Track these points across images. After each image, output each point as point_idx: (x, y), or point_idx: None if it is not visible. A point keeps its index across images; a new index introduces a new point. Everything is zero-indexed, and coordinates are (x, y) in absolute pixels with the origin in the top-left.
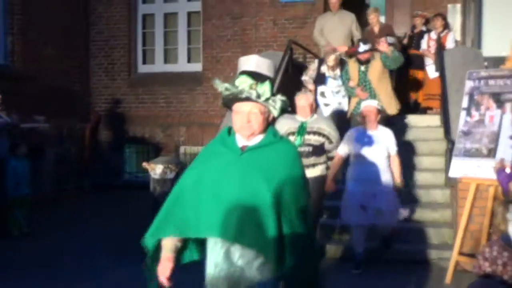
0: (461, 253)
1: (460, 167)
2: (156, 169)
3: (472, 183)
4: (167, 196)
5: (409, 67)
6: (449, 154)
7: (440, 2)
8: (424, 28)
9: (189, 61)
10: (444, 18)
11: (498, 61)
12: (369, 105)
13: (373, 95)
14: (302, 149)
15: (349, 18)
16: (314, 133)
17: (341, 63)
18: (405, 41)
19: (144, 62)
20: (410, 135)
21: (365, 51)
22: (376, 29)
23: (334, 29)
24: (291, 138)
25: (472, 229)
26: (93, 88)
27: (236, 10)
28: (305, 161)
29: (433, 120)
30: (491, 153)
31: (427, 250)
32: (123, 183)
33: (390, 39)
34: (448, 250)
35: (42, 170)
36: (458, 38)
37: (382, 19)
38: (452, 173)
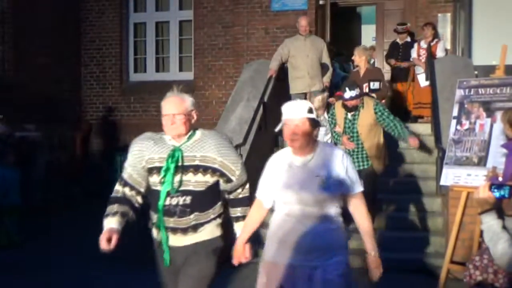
0: (452, 261)
1: (451, 176)
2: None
3: (463, 191)
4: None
5: (396, 80)
6: (440, 162)
7: (430, 12)
8: (409, 39)
9: (180, 69)
10: (434, 27)
11: (488, 70)
12: None
13: (360, 148)
14: (172, 201)
15: (320, 43)
16: (196, 168)
17: (327, 105)
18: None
19: (135, 71)
20: (401, 144)
21: (352, 98)
22: (362, 72)
23: (306, 53)
24: (154, 179)
25: (464, 237)
26: (84, 96)
27: (227, 19)
28: (177, 222)
29: (424, 128)
30: (482, 161)
31: (418, 258)
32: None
33: (374, 85)
34: (439, 258)
35: (32, 179)
36: (449, 47)
37: (373, 28)
38: (443, 181)
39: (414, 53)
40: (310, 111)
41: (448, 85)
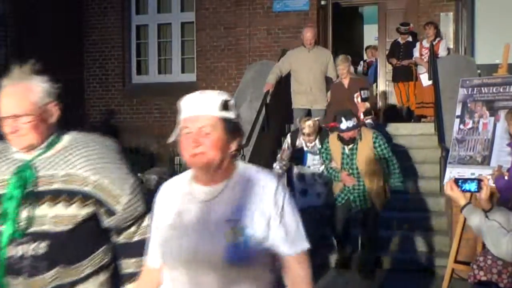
0: (456, 261)
1: (455, 175)
2: (150, 180)
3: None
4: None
5: (397, 80)
6: (443, 161)
7: (433, 11)
8: (410, 39)
9: (183, 71)
10: (436, 26)
11: (491, 69)
12: None
13: (362, 186)
14: (17, 250)
15: (325, 55)
16: (56, 194)
17: (319, 130)
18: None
19: (138, 73)
20: (404, 143)
21: (349, 129)
22: (345, 82)
23: (309, 66)
24: None
25: (468, 237)
26: (87, 99)
27: (229, 20)
28: (28, 285)
29: (427, 128)
30: (485, 160)
31: (422, 258)
32: None
33: (364, 93)
34: (443, 258)
35: None
36: (451, 46)
37: (375, 28)
38: (446, 181)
39: (416, 53)
40: (225, 106)
41: (450, 84)
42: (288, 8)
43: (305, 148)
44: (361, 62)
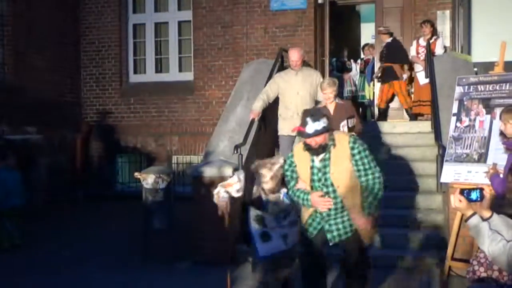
0: (453, 258)
1: (451, 173)
2: (147, 179)
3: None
4: (159, 205)
5: (386, 80)
6: (440, 159)
7: (429, 9)
8: (389, 40)
9: (180, 70)
10: (433, 24)
11: (487, 67)
12: None
13: (339, 209)
14: None
15: (314, 77)
16: None
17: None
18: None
19: (135, 72)
20: (401, 141)
21: (318, 132)
22: (331, 108)
23: (296, 90)
24: None
25: (465, 234)
26: (84, 98)
27: (226, 18)
28: None
29: (424, 126)
30: (482, 158)
31: (419, 255)
32: (115, 193)
33: (351, 122)
34: (441, 255)
35: (34, 181)
36: (448, 44)
37: (372, 26)
38: (443, 179)
39: (413, 51)
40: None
41: (447, 83)
42: (285, 6)
43: (264, 197)
44: (359, 60)
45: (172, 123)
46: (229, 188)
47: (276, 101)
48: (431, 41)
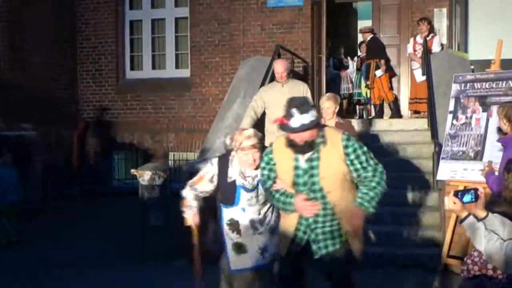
0: (449, 256)
1: (448, 170)
2: (144, 176)
3: (459, 186)
4: (155, 202)
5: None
6: (436, 157)
7: (426, 6)
8: (369, 38)
9: (177, 67)
10: (430, 22)
11: (484, 65)
12: None
13: (329, 216)
14: None
15: (300, 88)
16: None
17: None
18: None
19: (132, 68)
20: (398, 139)
21: (305, 127)
22: (331, 126)
23: (282, 103)
24: None
25: (460, 231)
26: (80, 95)
27: (223, 15)
28: None
29: (421, 123)
30: (478, 155)
31: (415, 253)
32: (112, 190)
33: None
34: (436, 252)
35: (30, 178)
36: (445, 42)
37: (369, 24)
38: (439, 176)
39: (410, 48)
40: None
41: (444, 80)
42: (282, 3)
43: (239, 182)
44: (355, 58)
45: (168, 119)
46: (199, 184)
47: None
48: (428, 39)
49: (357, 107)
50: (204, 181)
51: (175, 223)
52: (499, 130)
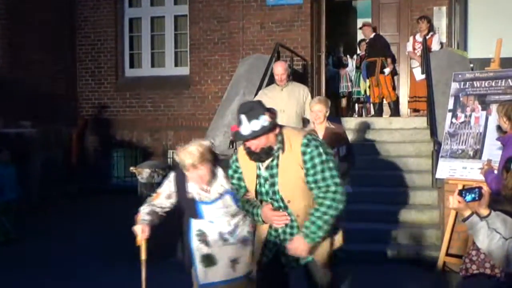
0: (448, 254)
1: (447, 168)
2: (143, 173)
3: (458, 184)
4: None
5: (370, 76)
6: (435, 155)
7: (426, 5)
8: (371, 36)
9: (176, 64)
10: (429, 20)
11: (484, 63)
12: None
13: (295, 226)
14: None
15: (301, 92)
16: None
17: (216, 161)
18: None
19: (131, 66)
20: (397, 137)
21: (256, 134)
22: (320, 131)
23: (280, 108)
24: None
25: (459, 230)
26: (80, 92)
27: (223, 13)
28: None
29: (420, 122)
30: (477, 154)
31: (414, 251)
32: (111, 187)
33: (343, 150)
34: (435, 251)
35: (29, 176)
36: (444, 40)
37: (368, 22)
38: (439, 174)
39: (409, 47)
40: None
41: (443, 79)
42: (282, 1)
43: (197, 197)
44: (355, 56)
45: (168, 117)
46: (157, 200)
47: None
48: (427, 37)
49: (356, 105)
50: (161, 198)
51: (174, 221)
52: (499, 128)
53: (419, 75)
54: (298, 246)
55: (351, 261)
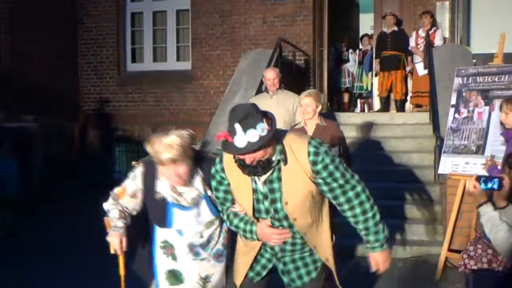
0: (450, 250)
1: (449, 164)
2: None
3: (461, 180)
4: None
5: (385, 69)
6: (438, 151)
7: (429, 0)
8: (396, 28)
9: (178, 59)
10: (432, 15)
11: (487, 58)
12: None
13: (298, 245)
14: None
15: (290, 101)
16: None
17: (200, 159)
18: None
19: (133, 61)
20: (399, 132)
21: (251, 148)
22: (309, 128)
23: None
24: None
25: (461, 225)
26: (81, 87)
27: (225, 8)
28: None
29: (422, 117)
30: (480, 149)
31: (416, 247)
32: (113, 181)
33: (335, 152)
34: (437, 246)
35: (30, 170)
36: (447, 35)
37: (371, 16)
38: (441, 170)
39: (412, 42)
40: None
41: (446, 74)
42: None
43: (171, 199)
44: (357, 51)
45: (169, 112)
46: (122, 198)
47: None
48: (430, 32)
49: (358, 100)
50: (126, 196)
51: None
52: (502, 124)
53: (421, 70)
54: (382, 261)
55: (352, 255)
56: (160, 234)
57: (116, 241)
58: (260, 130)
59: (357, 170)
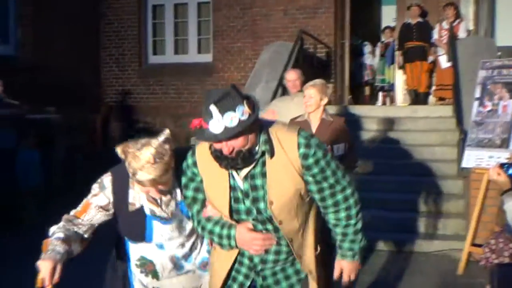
0: (473, 244)
1: (473, 158)
2: None
3: (485, 174)
4: None
5: (411, 60)
6: (461, 144)
7: None
8: (420, 19)
9: (199, 51)
10: (456, 7)
11: (511, 51)
12: None
13: (283, 252)
14: None
15: None
16: None
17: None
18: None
19: (154, 53)
20: (422, 126)
21: (228, 134)
22: (314, 123)
23: (289, 117)
24: None
25: (485, 220)
26: (103, 79)
27: (246, 0)
28: None
29: (445, 110)
30: (504, 143)
31: (439, 241)
32: None
33: (339, 149)
34: (460, 241)
35: (53, 161)
36: (471, 27)
37: (394, 8)
38: (465, 164)
39: (435, 34)
40: None
41: (470, 66)
42: None
43: (149, 211)
44: (379, 44)
45: (191, 104)
46: (84, 216)
47: None
48: (454, 24)
49: (380, 93)
50: (92, 211)
51: None
52: None
53: (444, 63)
54: (348, 270)
55: (373, 249)
56: (135, 250)
57: (47, 267)
58: (240, 113)
59: (378, 163)
